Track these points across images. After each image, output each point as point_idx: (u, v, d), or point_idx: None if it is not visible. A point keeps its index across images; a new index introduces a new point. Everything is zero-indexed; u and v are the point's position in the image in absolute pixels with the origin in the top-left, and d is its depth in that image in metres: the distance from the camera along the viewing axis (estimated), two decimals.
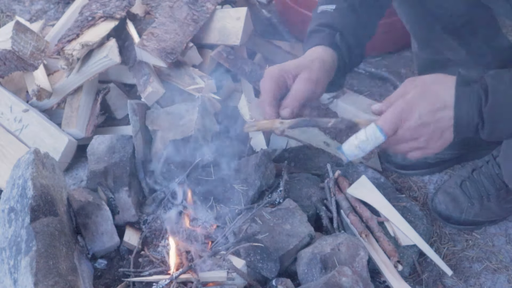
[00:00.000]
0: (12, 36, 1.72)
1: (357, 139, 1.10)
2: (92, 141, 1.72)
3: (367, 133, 1.09)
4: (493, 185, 1.65)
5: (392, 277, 1.49)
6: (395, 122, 1.07)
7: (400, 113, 1.06)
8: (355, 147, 1.10)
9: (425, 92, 1.06)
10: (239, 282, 1.39)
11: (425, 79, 1.08)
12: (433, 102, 1.06)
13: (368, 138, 1.08)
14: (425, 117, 1.06)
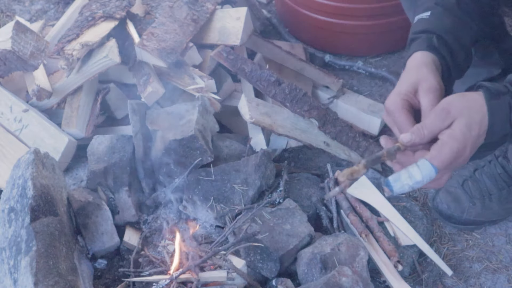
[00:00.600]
0: (12, 36, 1.72)
1: (411, 179, 1.05)
2: (92, 141, 1.72)
3: (423, 174, 1.05)
4: (495, 185, 1.65)
5: (392, 277, 1.49)
6: (451, 162, 1.07)
7: (456, 153, 1.07)
8: (409, 186, 1.06)
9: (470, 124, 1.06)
10: (239, 282, 1.39)
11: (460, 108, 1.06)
12: (477, 133, 1.08)
13: (423, 179, 1.06)
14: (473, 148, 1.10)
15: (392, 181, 1.06)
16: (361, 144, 1.76)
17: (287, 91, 1.78)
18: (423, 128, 1.08)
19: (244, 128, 1.87)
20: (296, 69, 2.06)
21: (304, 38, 2.30)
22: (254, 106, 1.79)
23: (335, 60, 2.21)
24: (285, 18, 2.39)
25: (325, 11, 2.16)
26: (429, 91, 1.16)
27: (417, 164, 1.06)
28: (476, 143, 1.09)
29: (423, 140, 1.08)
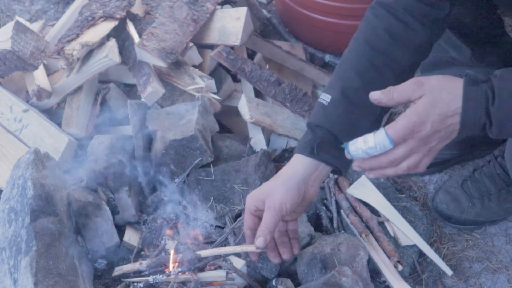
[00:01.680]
0: (12, 36, 1.72)
1: (365, 144, 1.09)
2: (92, 141, 1.72)
3: (376, 140, 1.08)
4: (494, 185, 1.65)
5: (392, 277, 1.49)
6: (406, 134, 1.06)
7: (413, 127, 1.05)
8: (362, 151, 1.09)
9: (436, 101, 1.05)
10: (239, 282, 1.39)
11: (433, 85, 1.07)
12: (445, 112, 1.05)
13: (376, 146, 1.08)
14: (436, 126, 1.06)
15: (350, 144, 1.10)
16: None
17: (287, 91, 1.78)
18: (394, 90, 1.08)
19: (244, 128, 1.87)
20: (296, 69, 2.06)
21: (304, 38, 2.30)
22: (254, 106, 1.79)
23: (335, 60, 2.21)
24: (285, 18, 2.39)
25: (325, 11, 2.16)
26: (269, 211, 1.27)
27: (374, 132, 1.08)
28: (442, 123, 1.06)
29: (390, 102, 1.09)
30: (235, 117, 1.88)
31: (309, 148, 1.30)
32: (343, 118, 1.30)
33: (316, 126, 1.31)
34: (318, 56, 2.23)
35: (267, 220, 1.28)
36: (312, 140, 1.30)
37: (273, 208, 1.27)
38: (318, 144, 1.29)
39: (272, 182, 1.32)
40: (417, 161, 1.10)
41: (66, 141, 1.75)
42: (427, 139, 1.07)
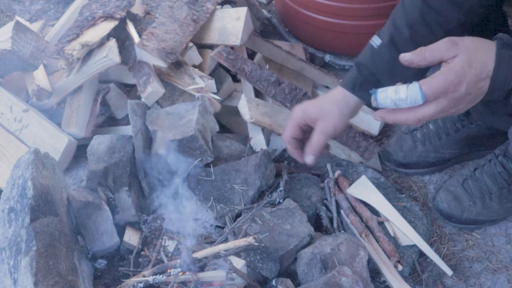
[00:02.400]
0: (12, 36, 1.72)
1: (396, 95, 1.05)
2: (92, 141, 1.72)
3: (408, 93, 1.04)
4: (495, 184, 1.65)
5: (392, 277, 1.49)
6: (440, 92, 1.04)
7: (449, 85, 1.03)
8: (391, 100, 1.06)
9: (471, 61, 1.03)
10: (239, 282, 1.39)
11: (468, 45, 1.05)
12: (479, 73, 1.03)
13: (407, 98, 1.04)
14: (470, 88, 1.04)
15: (379, 91, 1.07)
16: (361, 144, 1.76)
17: (287, 91, 1.78)
18: (426, 50, 1.07)
19: (244, 128, 1.87)
20: (296, 69, 2.06)
21: (304, 38, 2.30)
22: (254, 106, 1.79)
23: (335, 60, 2.21)
24: (285, 18, 2.39)
25: (325, 11, 2.16)
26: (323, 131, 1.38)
27: (408, 84, 1.05)
28: (475, 85, 1.04)
29: (421, 62, 1.07)
30: (235, 117, 1.88)
31: (352, 84, 1.39)
32: (388, 64, 1.34)
33: (362, 65, 1.39)
34: (318, 56, 2.23)
35: (319, 141, 1.39)
36: (356, 77, 1.39)
37: (327, 131, 1.38)
38: (360, 83, 1.37)
39: (328, 105, 1.39)
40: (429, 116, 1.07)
41: (66, 141, 1.75)
42: (459, 101, 1.05)
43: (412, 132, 1.84)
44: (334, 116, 1.38)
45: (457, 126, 1.78)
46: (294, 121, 1.42)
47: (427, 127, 1.82)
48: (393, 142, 1.85)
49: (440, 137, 1.80)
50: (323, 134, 1.38)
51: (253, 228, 1.50)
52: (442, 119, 1.80)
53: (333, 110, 1.39)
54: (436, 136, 1.80)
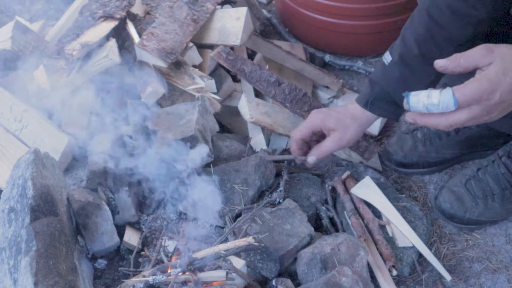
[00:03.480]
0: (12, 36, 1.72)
1: (428, 99, 1.04)
2: (92, 141, 1.72)
3: (441, 98, 1.03)
4: (498, 184, 1.65)
5: (385, 282, 1.48)
6: (473, 99, 1.03)
7: (482, 93, 1.02)
8: (423, 105, 1.05)
9: (507, 69, 1.02)
10: (239, 282, 1.39)
11: (504, 53, 1.03)
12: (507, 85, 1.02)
13: (439, 104, 1.04)
14: (504, 96, 1.03)
15: (412, 95, 1.07)
16: (361, 144, 1.76)
17: (287, 91, 1.78)
18: (461, 56, 1.05)
19: (244, 128, 1.87)
20: (296, 69, 2.06)
21: (304, 38, 2.30)
22: (254, 106, 1.79)
23: (335, 60, 2.22)
24: (285, 18, 2.39)
25: (325, 11, 2.16)
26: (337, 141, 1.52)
27: (441, 89, 1.04)
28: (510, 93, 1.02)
29: (456, 68, 1.06)
30: (235, 117, 1.88)
31: (365, 100, 1.51)
32: (398, 80, 1.42)
33: (374, 82, 1.49)
34: (318, 56, 2.23)
35: (330, 149, 1.53)
36: (369, 94, 1.50)
37: (341, 142, 1.52)
38: (372, 100, 1.48)
39: (348, 119, 1.51)
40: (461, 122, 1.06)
41: (66, 141, 1.75)
42: (491, 109, 1.04)
43: (412, 132, 1.84)
44: (352, 131, 1.51)
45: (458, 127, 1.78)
46: (309, 126, 1.54)
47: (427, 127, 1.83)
48: (393, 142, 1.85)
49: (441, 138, 1.80)
50: (336, 144, 1.52)
51: (253, 228, 1.50)
52: None
53: (352, 125, 1.51)
54: (437, 137, 1.80)
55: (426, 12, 1.37)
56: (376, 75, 1.49)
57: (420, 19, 1.40)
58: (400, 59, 1.42)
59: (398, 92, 1.40)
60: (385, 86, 1.46)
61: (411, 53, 1.40)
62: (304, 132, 1.55)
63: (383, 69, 1.46)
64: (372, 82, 1.50)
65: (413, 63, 1.41)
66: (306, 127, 1.55)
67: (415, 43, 1.39)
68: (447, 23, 1.35)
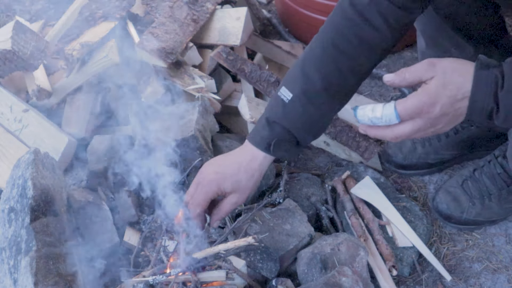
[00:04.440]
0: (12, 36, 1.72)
1: (373, 113, 1.09)
2: (92, 141, 1.72)
3: (384, 112, 1.08)
4: (494, 184, 1.65)
5: (385, 282, 1.48)
6: (414, 113, 1.06)
7: (422, 106, 1.05)
8: (368, 118, 1.10)
9: (447, 83, 1.05)
10: (239, 282, 1.39)
11: (445, 67, 1.06)
12: (455, 94, 1.05)
13: (382, 117, 1.08)
14: (445, 109, 1.05)
15: (359, 109, 1.11)
16: (361, 144, 1.76)
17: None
18: (406, 71, 1.08)
19: (244, 128, 1.87)
20: None
21: (304, 38, 2.30)
22: (254, 106, 1.79)
23: None
24: (285, 18, 2.39)
25: (325, 11, 2.16)
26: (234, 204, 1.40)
27: (384, 103, 1.09)
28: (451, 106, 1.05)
29: (402, 82, 1.09)
30: (235, 117, 1.88)
31: (265, 144, 1.35)
32: (301, 117, 1.33)
33: (274, 122, 1.34)
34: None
35: (229, 210, 1.41)
36: (269, 136, 1.34)
37: (239, 203, 1.40)
38: (275, 143, 1.34)
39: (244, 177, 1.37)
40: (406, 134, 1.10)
41: (66, 141, 1.75)
42: (435, 121, 1.07)
43: None
44: (249, 189, 1.39)
45: (456, 128, 1.78)
46: (207, 196, 1.38)
47: None
48: (392, 144, 1.85)
49: (440, 139, 1.80)
50: (235, 205, 1.41)
51: (253, 228, 1.50)
52: None
53: (248, 184, 1.38)
54: (436, 138, 1.80)
55: (332, 44, 1.32)
56: (275, 114, 1.34)
57: (324, 51, 1.33)
58: (303, 94, 1.32)
59: (301, 130, 1.34)
60: (287, 125, 1.33)
61: (314, 87, 1.31)
62: (204, 205, 1.39)
63: (283, 107, 1.33)
64: (271, 123, 1.34)
65: (317, 99, 1.32)
66: (204, 199, 1.38)
67: (319, 77, 1.31)
68: (354, 53, 1.32)
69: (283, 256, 1.47)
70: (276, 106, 1.35)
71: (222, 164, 1.41)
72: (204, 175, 1.40)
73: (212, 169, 1.40)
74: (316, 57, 1.34)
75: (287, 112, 1.33)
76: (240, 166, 1.38)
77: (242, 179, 1.38)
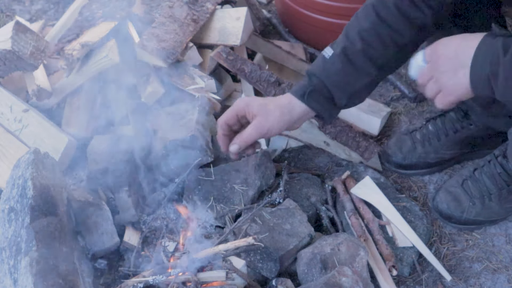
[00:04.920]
0: (12, 36, 1.72)
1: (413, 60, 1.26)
2: (92, 141, 1.72)
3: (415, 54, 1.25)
4: (495, 184, 1.65)
5: (385, 282, 1.48)
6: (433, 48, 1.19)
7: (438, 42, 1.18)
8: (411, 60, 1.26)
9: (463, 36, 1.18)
10: (239, 282, 1.39)
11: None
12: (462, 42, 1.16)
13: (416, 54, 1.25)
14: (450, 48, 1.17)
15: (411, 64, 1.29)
16: (361, 144, 1.76)
17: (287, 91, 1.78)
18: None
19: None
20: (296, 69, 2.06)
21: (304, 38, 2.30)
22: None
23: None
24: (285, 18, 2.39)
25: (325, 11, 2.16)
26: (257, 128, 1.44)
27: None
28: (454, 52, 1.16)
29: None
30: None
31: (302, 92, 1.44)
32: (339, 74, 1.41)
33: (313, 74, 1.44)
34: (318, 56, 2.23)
35: (249, 135, 1.45)
36: (306, 86, 1.44)
37: (261, 129, 1.43)
38: (309, 92, 1.43)
39: (271, 105, 1.44)
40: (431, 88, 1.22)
41: (66, 141, 1.75)
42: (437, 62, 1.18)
43: (411, 133, 1.84)
44: (273, 118, 1.43)
45: (456, 127, 1.78)
46: (234, 109, 1.47)
47: (426, 128, 1.83)
48: (392, 144, 1.85)
49: (440, 138, 1.80)
50: (255, 130, 1.44)
51: (253, 228, 1.50)
52: (441, 121, 1.80)
53: (274, 112, 1.43)
54: (436, 137, 1.80)
55: (373, 8, 1.41)
56: (315, 68, 1.45)
57: (366, 15, 1.42)
58: (343, 53, 1.41)
59: (336, 87, 1.41)
60: (324, 79, 1.42)
61: (354, 47, 1.40)
62: (229, 115, 1.47)
63: (323, 62, 1.43)
64: (310, 74, 1.45)
65: (355, 58, 1.41)
66: (230, 110, 1.47)
67: (359, 38, 1.40)
68: (393, 21, 1.39)
69: (283, 256, 1.47)
70: (317, 62, 1.46)
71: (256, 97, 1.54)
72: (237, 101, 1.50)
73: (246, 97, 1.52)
74: (359, 20, 1.43)
75: (326, 67, 1.42)
76: (273, 98, 1.49)
77: (270, 105, 1.45)
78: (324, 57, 1.44)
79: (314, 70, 1.45)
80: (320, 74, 1.43)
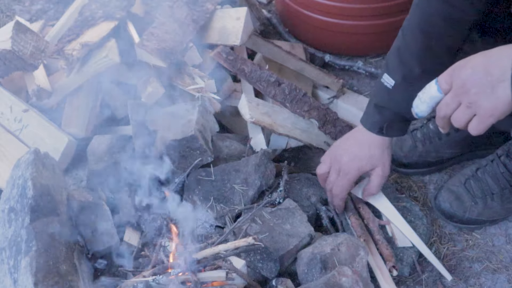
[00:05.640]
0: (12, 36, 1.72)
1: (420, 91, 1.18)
2: (92, 141, 1.72)
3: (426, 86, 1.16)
4: (497, 184, 1.65)
5: (385, 282, 1.48)
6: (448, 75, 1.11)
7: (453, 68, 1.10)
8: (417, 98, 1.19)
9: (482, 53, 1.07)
10: (239, 282, 1.39)
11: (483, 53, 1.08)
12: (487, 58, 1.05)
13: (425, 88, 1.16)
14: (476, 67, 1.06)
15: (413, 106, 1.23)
16: None
17: (287, 91, 1.78)
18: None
19: (244, 128, 1.87)
20: (296, 69, 2.06)
21: (304, 38, 2.30)
22: (254, 106, 1.79)
23: (335, 60, 2.21)
24: (285, 18, 2.39)
25: (325, 11, 2.16)
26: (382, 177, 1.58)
27: None
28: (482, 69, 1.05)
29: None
30: (235, 117, 1.88)
31: (378, 127, 1.53)
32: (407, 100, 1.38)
33: (383, 107, 1.51)
34: (318, 56, 2.23)
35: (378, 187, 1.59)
36: (381, 121, 1.52)
37: (386, 174, 1.58)
38: (387, 126, 1.52)
39: (377, 153, 1.55)
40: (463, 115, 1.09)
41: (66, 141, 1.75)
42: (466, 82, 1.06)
43: (412, 132, 1.84)
44: (387, 159, 1.56)
45: None
46: (351, 180, 1.58)
47: (427, 127, 1.83)
48: (393, 143, 1.85)
49: (441, 137, 1.80)
50: (384, 178, 1.58)
51: (253, 228, 1.50)
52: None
53: (383, 155, 1.55)
54: (437, 136, 1.80)
55: (419, 29, 1.42)
56: (381, 100, 1.51)
57: (414, 38, 1.44)
58: (404, 80, 1.45)
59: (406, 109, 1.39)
60: (395, 109, 1.49)
61: (413, 73, 1.44)
62: (349, 188, 1.60)
63: (388, 94, 1.49)
64: (380, 108, 1.52)
65: (417, 82, 1.36)
66: (348, 184, 1.58)
67: (415, 63, 1.43)
68: (443, 32, 1.40)
69: (283, 256, 1.47)
70: (381, 92, 1.51)
71: (350, 149, 1.57)
72: (341, 164, 1.57)
73: (347, 157, 1.56)
74: (409, 45, 1.45)
75: (393, 97, 1.48)
76: (368, 146, 1.55)
77: (375, 153, 1.55)
78: (387, 88, 1.48)
79: (381, 103, 1.51)
80: (389, 106, 1.50)
